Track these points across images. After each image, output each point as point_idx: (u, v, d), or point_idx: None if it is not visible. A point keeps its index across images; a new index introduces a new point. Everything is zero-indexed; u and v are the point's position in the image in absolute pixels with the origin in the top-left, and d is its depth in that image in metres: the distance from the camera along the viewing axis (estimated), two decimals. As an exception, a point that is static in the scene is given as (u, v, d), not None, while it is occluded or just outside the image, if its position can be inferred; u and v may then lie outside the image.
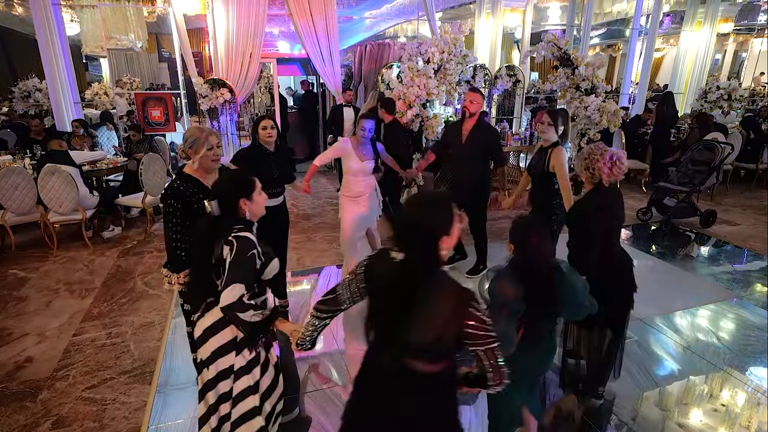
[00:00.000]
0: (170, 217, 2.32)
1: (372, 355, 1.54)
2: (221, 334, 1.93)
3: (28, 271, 4.75)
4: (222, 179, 2.13)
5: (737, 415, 2.75)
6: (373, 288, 1.52)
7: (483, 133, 4.09)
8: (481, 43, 9.13)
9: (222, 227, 1.91)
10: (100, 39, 9.76)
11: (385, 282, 1.43)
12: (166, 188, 2.38)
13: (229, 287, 1.78)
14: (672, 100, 8.51)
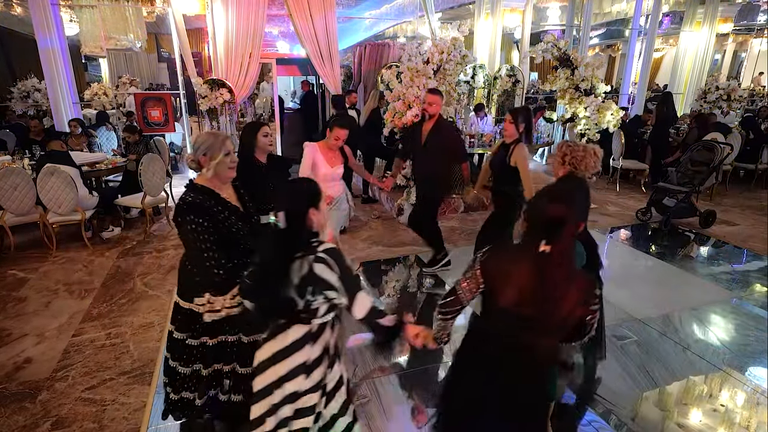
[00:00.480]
0: (197, 235, 2.03)
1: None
2: (293, 357, 1.80)
3: (27, 272, 4.74)
4: (289, 188, 1.92)
5: (736, 415, 2.75)
6: (502, 282, 1.65)
7: (442, 134, 4.14)
8: (481, 43, 9.14)
9: (300, 242, 1.77)
10: (100, 39, 9.76)
11: (530, 274, 1.59)
12: (179, 204, 2.08)
13: (356, 300, 1.72)
14: (671, 101, 8.52)
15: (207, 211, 2.06)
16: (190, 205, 2.06)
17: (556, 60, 6.60)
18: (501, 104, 9.42)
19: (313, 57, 7.67)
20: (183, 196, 2.10)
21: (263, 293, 1.78)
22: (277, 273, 1.73)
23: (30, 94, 9.39)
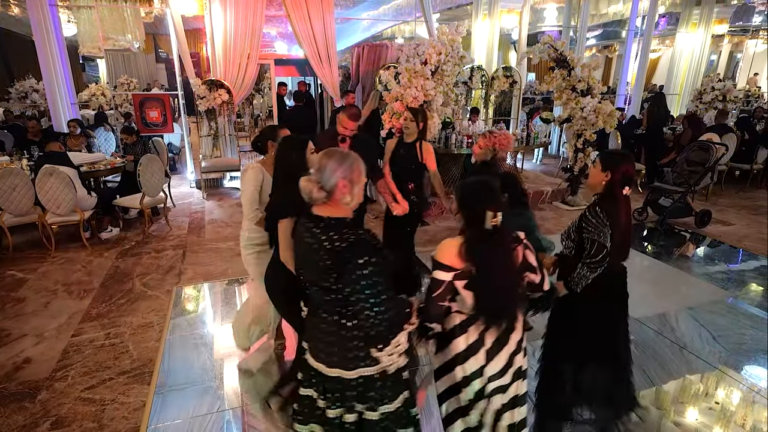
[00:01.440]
0: (374, 277, 1.58)
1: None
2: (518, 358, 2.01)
3: (26, 272, 4.74)
4: (507, 185, 2.12)
5: (733, 414, 2.78)
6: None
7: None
8: (478, 44, 9.18)
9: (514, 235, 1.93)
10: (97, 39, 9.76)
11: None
12: (344, 247, 1.59)
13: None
14: (663, 102, 8.57)
15: (375, 249, 1.65)
16: (360, 243, 1.62)
17: (553, 61, 6.63)
18: (498, 105, 9.47)
19: (311, 58, 7.68)
20: (342, 237, 1.61)
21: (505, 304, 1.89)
22: (513, 283, 1.90)
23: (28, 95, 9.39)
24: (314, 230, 1.65)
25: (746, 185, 8.35)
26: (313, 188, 1.62)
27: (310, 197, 1.64)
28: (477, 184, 1.88)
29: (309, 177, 1.65)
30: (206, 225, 6.22)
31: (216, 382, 3.06)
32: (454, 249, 1.80)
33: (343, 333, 1.70)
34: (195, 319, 3.90)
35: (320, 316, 1.74)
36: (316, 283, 1.69)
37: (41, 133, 6.91)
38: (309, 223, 1.68)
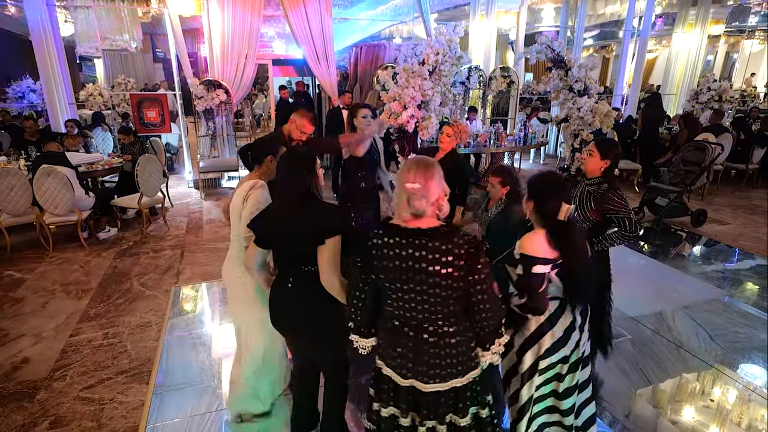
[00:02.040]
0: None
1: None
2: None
3: (23, 273, 4.74)
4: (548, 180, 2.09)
5: (728, 412, 2.79)
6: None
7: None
8: (476, 44, 9.19)
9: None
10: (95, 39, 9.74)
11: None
12: (476, 257, 1.62)
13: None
14: (658, 103, 8.62)
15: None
16: (480, 247, 1.70)
17: (550, 61, 6.65)
18: (495, 105, 9.49)
19: (309, 57, 7.69)
20: (458, 244, 1.62)
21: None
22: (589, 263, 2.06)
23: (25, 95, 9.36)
24: (420, 242, 1.60)
25: (742, 185, 8.39)
26: (422, 201, 1.59)
27: (417, 211, 1.59)
28: (549, 178, 2.05)
29: (413, 188, 1.59)
30: (204, 225, 6.22)
31: (214, 381, 3.07)
32: (544, 241, 1.95)
33: (447, 341, 1.70)
34: (193, 319, 3.90)
35: (418, 332, 1.70)
36: (422, 298, 1.64)
37: (38, 133, 6.90)
38: (420, 239, 1.61)
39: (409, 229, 1.63)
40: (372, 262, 1.68)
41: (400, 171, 1.66)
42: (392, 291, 1.68)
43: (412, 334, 1.71)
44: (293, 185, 2.02)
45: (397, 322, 1.74)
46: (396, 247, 1.62)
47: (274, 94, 9.61)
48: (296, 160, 2.10)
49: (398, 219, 1.67)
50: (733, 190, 8.13)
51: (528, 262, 1.93)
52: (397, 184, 1.66)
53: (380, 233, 1.67)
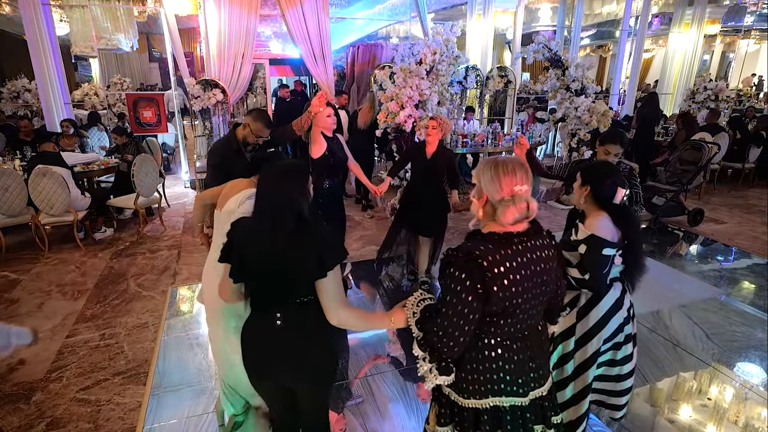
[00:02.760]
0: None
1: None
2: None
3: (19, 273, 4.71)
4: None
5: (725, 411, 2.80)
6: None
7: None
8: (473, 44, 9.19)
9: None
10: (90, 39, 9.70)
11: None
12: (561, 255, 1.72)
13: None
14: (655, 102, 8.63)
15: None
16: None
17: (548, 61, 6.66)
18: (492, 104, 9.50)
19: (306, 57, 7.68)
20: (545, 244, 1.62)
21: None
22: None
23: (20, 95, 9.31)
24: (540, 242, 1.53)
25: (738, 184, 8.42)
26: (535, 202, 1.48)
27: (534, 213, 1.48)
28: (604, 165, 2.20)
29: (526, 190, 1.47)
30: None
31: (212, 382, 3.06)
32: (610, 223, 2.05)
33: (538, 346, 1.60)
34: (190, 320, 3.89)
35: (517, 340, 1.55)
36: (537, 301, 1.53)
37: (33, 133, 6.86)
38: (532, 240, 1.51)
39: (521, 233, 1.49)
40: (493, 282, 1.41)
41: (497, 172, 1.47)
42: (511, 310, 1.46)
43: (518, 346, 1.54)
44: (285, 203, 1.69)
45: (501, 346, 1.52)
46: (517, 257, 1.46)
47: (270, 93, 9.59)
48: (289, 173, 1.77)
49: (498, 226, 1.49)
50: (730, 189, 8.16)
51: (598, 243, 2.02)
52: (495, 186, 1.47)
53: (491, 248, 1.44)
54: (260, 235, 1.72)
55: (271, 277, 1.72)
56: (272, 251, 1.70)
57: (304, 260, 1.66)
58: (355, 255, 5.13)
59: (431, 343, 1.47)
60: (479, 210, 1.54)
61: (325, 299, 1.70)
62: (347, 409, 2.84)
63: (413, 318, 1.60)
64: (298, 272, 1.70)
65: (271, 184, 1.73)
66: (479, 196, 1.53)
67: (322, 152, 3.59)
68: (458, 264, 1.42)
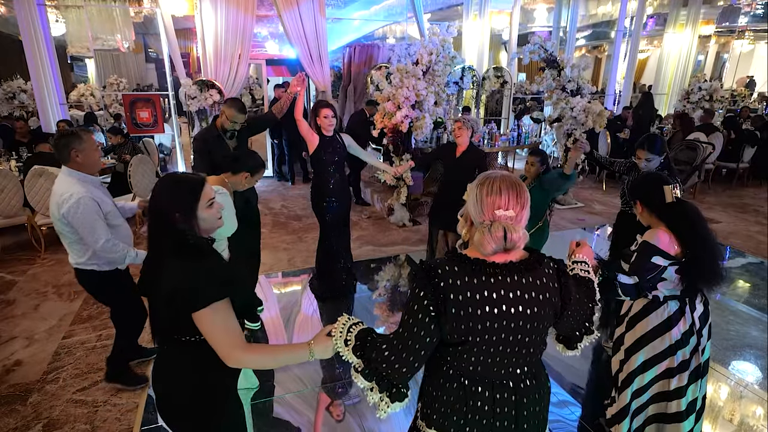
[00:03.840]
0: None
1: None
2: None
3: (15, 275, 4.70)
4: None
5: (721, 408, 2.82)
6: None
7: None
8: (469, 44, 9.22)
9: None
10: (86, 39, 9.67)
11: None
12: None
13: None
14: (650, 102, 8.68)
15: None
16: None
17: (543, 61, 6.68)
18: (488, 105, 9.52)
19: (302, 57, 7.68)
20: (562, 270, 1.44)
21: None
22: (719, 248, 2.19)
23: (16, 95, 9.28)
24: (530, 279, 1.31)
25: (732, 183, 8.47)
26: (519, 232, 1.29)
27: (514, 245, 1.29)
28: (644, 176, 2.36)
29: (507, 216, 1.28)
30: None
31: (209, 382, 3.05)
32: (666, 235, 2.02)
33: (530, 407, 1.41)
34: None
35: (491, 387, 1.38)
36: (508, 348, 1.34)
37: (29, 133, 6.84)
38: (515, 275, 1.31)
39: (500, 265, 1.29)
40: (448, 307, 1.26)
41: (482, 191, 1.31)
42: (470, 344, 1.30)
43: (489, 395, 1.35)
44: (164, 219, 1.49)
45: (467, 380, 1.36)
46: (484, 289, 1.27)
47: (268, 94, 9.58)
48: (176, 185, 1.54)
49: (477, 253, 1.31)
50: (724, 189, 8.20)
51: (648, 249, 2.01)
52: (477, 208, 1.32)
53: (456, 271, 1.28)
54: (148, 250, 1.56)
55: (151, 301, 1.55)
56: (146, 271, 1.55)
57: (167, 289, 1.42)
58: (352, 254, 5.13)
59: (378, 370, 1.32)
60: (464, 230, 1.40)
61: (210, 341, 1.44)
62: (344, 408, 2.85)
63: (347, 347, 1.39)
64: (159, 301, 1.48)
65: (156, 194, 1.52)
66: (465, 214, 1.40)
67: (314, 148, 3.81)
68: (419, 280, 1.30)
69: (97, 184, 2.70)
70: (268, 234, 5.71)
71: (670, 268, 2.01)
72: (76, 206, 2.45)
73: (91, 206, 2.50)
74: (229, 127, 3.54)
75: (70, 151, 2.49)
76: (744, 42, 14.44)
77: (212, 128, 3.62)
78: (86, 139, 2.54)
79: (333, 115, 3.84)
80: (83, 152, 2.52)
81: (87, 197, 2.47)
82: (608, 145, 7.76)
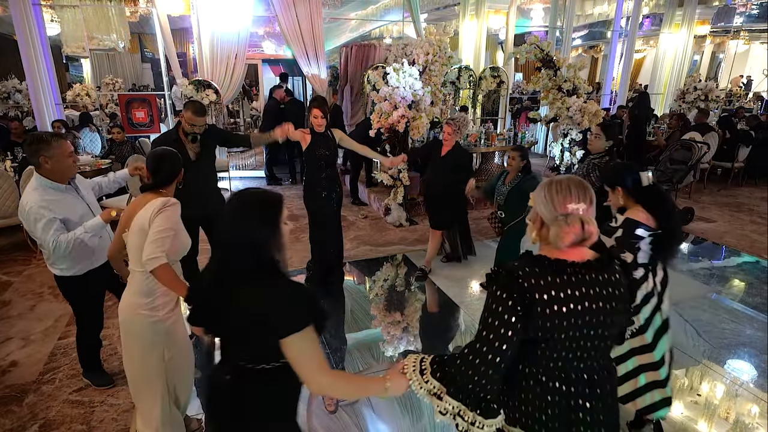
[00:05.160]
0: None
1: None
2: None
3: (10, 275, 4.67)
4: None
5: (716, 407, 2.84)
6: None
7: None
8: (466, 44, 9.23)
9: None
10: (82, 39, 9.63)
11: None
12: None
13: None
14: (646, 102, 8.70)
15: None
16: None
17: (540, 61, 6.69)
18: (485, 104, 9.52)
19: (299, 57, 7.67)
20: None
21: None
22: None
23: (11, 95, 9.24)
24: (605, 276, 1.38)
25: (727, 183, 8.51)
26: (594, 224, 1.34)
27: (592, 236, 1.33)
28: (616, 165, 2.62)
29: (582, 208, 1.34)
30: (194, 226, 6.17)
31: (206, 383, 3.05)
32: (645, 213, 2.31)
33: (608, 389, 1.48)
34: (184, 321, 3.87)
35: (588, 382, 1.42)
36: (603, 345, 1.42)
37: (24, 134, 6.81)
38: (593, 273, 1.36)
39: (579, 264, 1.34)
40: (534, 306, 1.29)
41: (550, 191, 1.37)
42: (554, 341, 1.34)
43: (566, 389, 1.38)
44: (244, 246, 1.38)
45: (544, 377, 1.39)
46: (567, 288, 1.31)
47: (265, 94, 9.56)
48: (249, 205, 1.41)
49: (554, 252, 1.37)
50: (719, 189, 8.24)
51: (633, 224, 2.30)
52: (548, 206, 1.37)
53: (537, 271, 1.33)
54: (211, 274, 1.47)
55: (223, 333, 1.49)
56: (220, 302, 1.43)
57: (257, 321, 1.37)
58: (349, 255, 5.14)
59: (465, 383, 1.34)
60: (534, 232, 1.45)
61: (296, 366, 1.39)
62: (342, 408, 2.85)
63: (422, 378, 1.41)
64: (247, 334, 1.42)
65: (227, 220, 1.41)
66: (533, 218, 1.45)
67: (307, 144, 4.00)
68: (500, 282, 1.33)
69: (63, 190, 2.56)
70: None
71: (647, 239, 2.32)
72: (27, 215, 2.45)
73: (41, 212, 2.43)
74: (189, 130, 3.40)
75: (39, 157, 2.43)
76: (739, 42, 14.49)
77: (172, 132, 3.49)
78: (56, 145, 2.45)
79: (322, 115, 3.96)
80: (53, 159, 2.44)
81: (36, 206, 2.42)
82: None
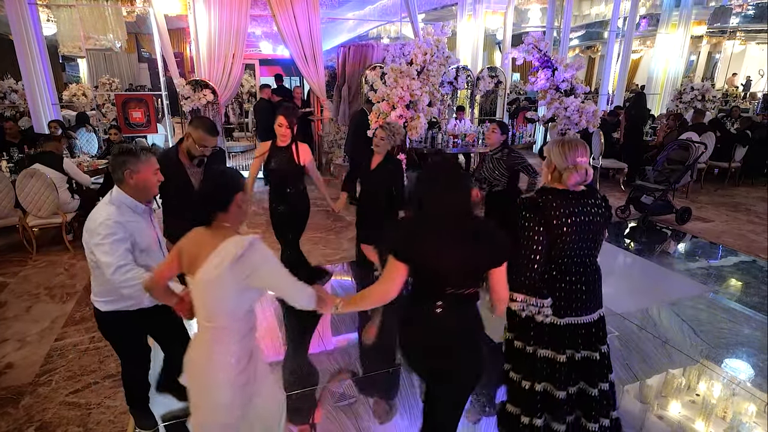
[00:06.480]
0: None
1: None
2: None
3: (6, 276, 4.65)
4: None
5: (714, 406, 2.84)
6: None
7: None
8: (464, 44, 9.24)
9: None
10: (78, 39, 9.60)
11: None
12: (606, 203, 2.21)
13: None
14: (642, 102, 8.72)
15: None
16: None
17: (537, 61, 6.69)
18: (483, 104, 9.54)
19: (296, 57, 7.66)
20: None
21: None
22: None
23: (6, 95, 9.20)
24: (592, 201, 2.10)
25: (724, 183, 8.54)
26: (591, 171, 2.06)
27: (590, 178, 2.05)
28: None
29: (585, 161, 2.06)
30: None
31: (204, 384, 3.03)
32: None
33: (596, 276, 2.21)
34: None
35: (584, 269, 2.15)
36: (589, 243, 2.12)
37: (20, 134, 6.78)
38: (584, 199, 2.08)
39: (577, 193, 2.08)
40: (550, 219, 2.01)
41: (563, 148, 2.04)
42: (562, 242, 2.04)
43: (569, 277, 2.11)
44: (463, 202, 1.73)
45: (554, 271, 2.11)
46: (570, 207, 2.04)
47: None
48: (459, 170, 1.89)
49: (559, 185, 2.08)
50: (716, 188, 8.27)
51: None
52: (562, 157, 2.03)
53: (551, 198, 2.04)
54: (435, 236, 1.71)
55: (443, 273, 1.73)
56: (451, 250, 1.70)
57: (483, 257, 1.75)
58: (347, 255, 5.13)
59: (520, 274, 2.03)
60: (548, 175, 2.12)
61: (501, 280, 1.81)
62: (340, 409, 2.84)
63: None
64: (471, 269, 1.76)
65: (442, 184, 1.72)
66: (548, 165, 2.10)
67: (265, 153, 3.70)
68: (526, 207, 2.06)
69: (139, 212, 2.27)
70: (262, 235, 5.69)
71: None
72: (97, 227, 2.10)
73: (115, 228, 2.09)
74: (197, 152, 2.85)
75: (124, 171, 2.14)
76: (735, 42, 14.55)
77: (171, 151, 2.94)
78: (144, 159, 2.17)
79: (287, 125, 3.45)
80: (138, 174, 2.15)
81: (112, 221, 2.09)
82: (601, 145, 7.78)
